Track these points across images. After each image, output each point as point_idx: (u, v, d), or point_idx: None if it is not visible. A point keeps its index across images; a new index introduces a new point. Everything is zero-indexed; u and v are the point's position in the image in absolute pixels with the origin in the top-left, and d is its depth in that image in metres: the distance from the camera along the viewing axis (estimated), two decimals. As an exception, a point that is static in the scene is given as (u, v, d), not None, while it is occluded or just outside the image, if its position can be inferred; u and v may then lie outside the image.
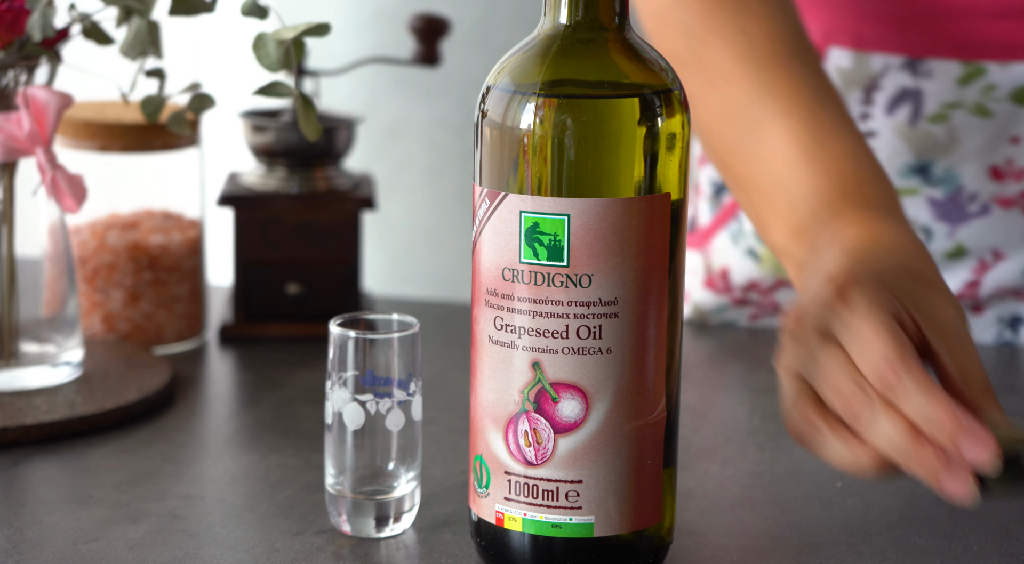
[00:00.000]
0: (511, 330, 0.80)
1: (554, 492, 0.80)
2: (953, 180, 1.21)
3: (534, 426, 0.80)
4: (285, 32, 0.96)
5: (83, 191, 1.07)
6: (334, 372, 0.90)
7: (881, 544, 0.91)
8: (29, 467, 1.01)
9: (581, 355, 0.79)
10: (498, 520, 0.82)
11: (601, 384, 0.79)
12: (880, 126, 1.22)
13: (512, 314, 0.80)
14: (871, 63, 1.20)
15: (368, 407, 0.89)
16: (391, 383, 0.89)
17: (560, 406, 0.79)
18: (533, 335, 0.79)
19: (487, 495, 0.83)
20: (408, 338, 0.90)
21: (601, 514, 0.80)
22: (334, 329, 0.90)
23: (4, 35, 1.03)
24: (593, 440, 0.80)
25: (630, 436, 0.80)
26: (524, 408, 0.80)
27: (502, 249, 0.79)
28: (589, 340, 0.79)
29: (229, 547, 0.89)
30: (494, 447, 0.81)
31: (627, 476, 0.80)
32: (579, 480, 0.80)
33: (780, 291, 1.32)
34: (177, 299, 1.23)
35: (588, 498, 0.80)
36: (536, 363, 0.79)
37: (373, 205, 1.27)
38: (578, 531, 0.80)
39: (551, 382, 0.79)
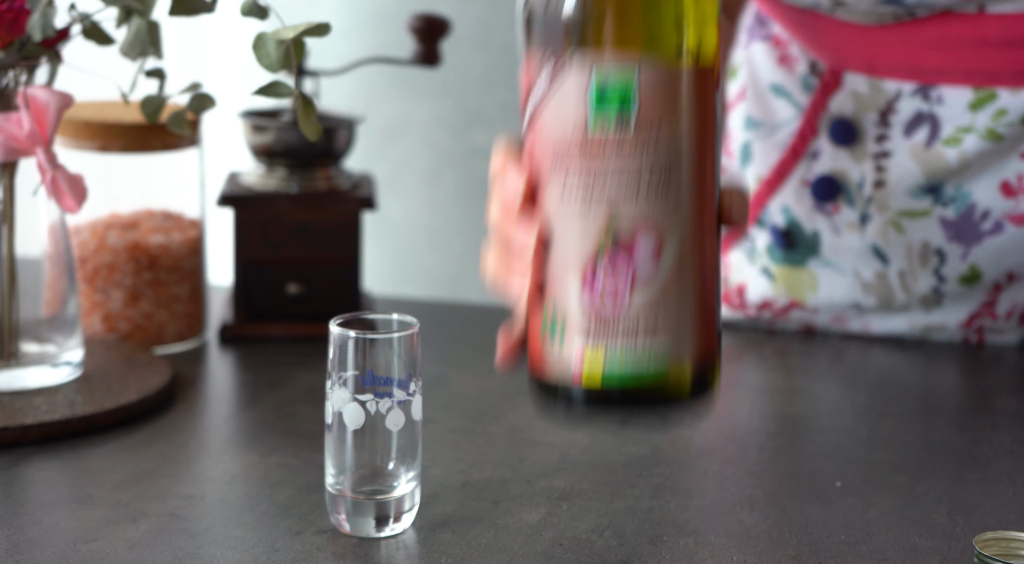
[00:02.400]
0: (587, 179, 0.82)
1: (633, 330, 0.82)
2: (965, 198, 1.22)
3: (614, 268, 0.82)
4: (285, 32, 0.96)
5: (83, 191, 1.07)
6: (334, 372, 0.90)
7: (881, 544, 0.91)
8: (29, 467, 1.01)
9: (655, 200, 0.82)
10: (576, 375, 0.82)
11: (672, 226, 0.82)
12: (896, 147, 1.23)
13: (587, 167, 0.82)
14: (885, 88, 1.23)
15: (368, 407, 0.89)
16: (391, 383, 0.89)
17: (638, 247, 0.82)
18: (609, 187, 0.82)
19: (562, 345, 0.82)
20: (408, 338, 0.90)
21: (672, 341, 0.82)
22: (334, 329, 0.90)
23: (5, 35, 1.03)
24: (669, 277, 0.82)
25: (696, 277, 0.83)
26: (603, 252, 0.82)
27: (571, 108, 0.82)
28: (661, 191, 0.82)
29: (229, 547, 0.89)
30: (569, 297, 0.82)
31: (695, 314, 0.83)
32: (657, 315, 0.82)
33: (793, 312, 1.32)
34: (177, 299, 1.23)
35: (662, 328, 0.82)
36: (613, 213, 0.82)
37: (373, 205, 1.27)
38: (655, 358, 0.82)
39: (628, 226, 0.82)
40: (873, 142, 1.24)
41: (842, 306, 1.30)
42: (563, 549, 0.90)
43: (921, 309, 1.28)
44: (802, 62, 1.29)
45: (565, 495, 0.97)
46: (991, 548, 0.86)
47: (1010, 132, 1.19)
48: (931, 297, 1.26)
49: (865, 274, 1.27)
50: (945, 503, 0.97)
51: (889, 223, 1.24)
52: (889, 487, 0.99)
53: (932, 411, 1.14)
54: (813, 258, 1.29)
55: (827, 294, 1.30)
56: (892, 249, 1.25)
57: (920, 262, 1.25)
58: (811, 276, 1.30)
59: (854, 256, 1.27)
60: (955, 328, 1.28)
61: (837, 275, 1.29)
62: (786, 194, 1.30)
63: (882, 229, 1.25)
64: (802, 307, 1.31)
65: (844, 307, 1.30)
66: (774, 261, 1.31)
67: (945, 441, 1.08)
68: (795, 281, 1.31)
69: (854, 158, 1.25)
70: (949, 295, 1.26)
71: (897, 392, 1.19)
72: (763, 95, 1.32)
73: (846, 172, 1.26)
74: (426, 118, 2.47)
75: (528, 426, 1.09)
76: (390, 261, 2.51)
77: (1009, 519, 0.95)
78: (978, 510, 0.96)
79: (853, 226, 1.26)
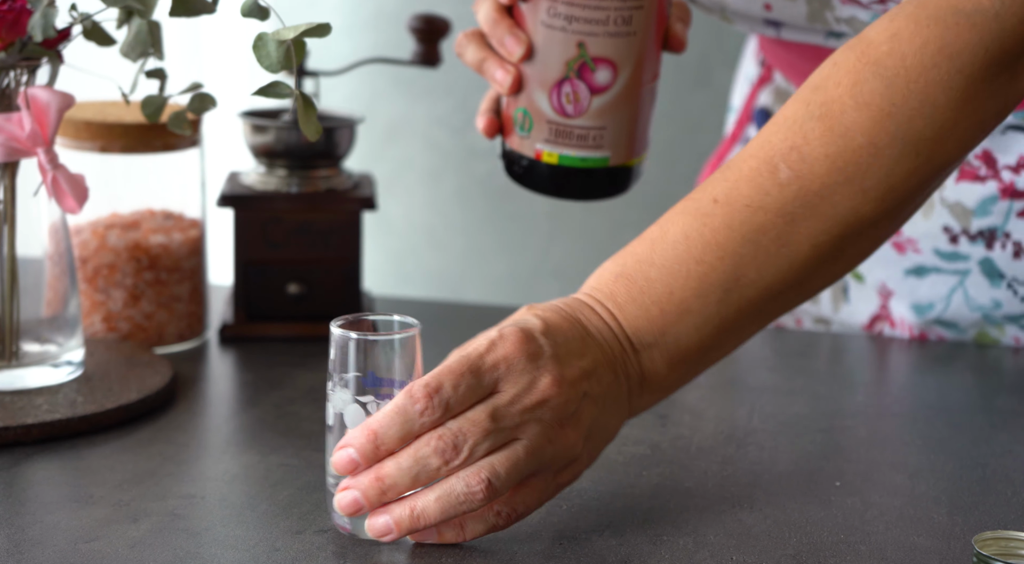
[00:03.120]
0: (563, 18, 1.04)
1: (585, 135, 1.07)
2: None
3: (575, 89, 1.05)
4: (285, 32, 0.96)
5: (84, 191, 1.07)
6: (335, 373, 0.89)
7: (881, 544, 0.91)
8: (30, 466, 1.01)
9: (615, 37, 1.04)
10: (536, 155, 1.08)
11: (626, 57, 1.05)
12: None
13: (565, 5, 1.03)
14: (792, 89, 1.29)
15: (369, 408, 0.89)
16: (392, 384, 0.89)
17: (596, 74, 1.05)
18: (580, 22, 1.04)
19: (528, 136, 1.08)
20: (409, 339, 0.90)
21: (614, 150, 1.08)
22: (335, 330, 0.89)
23: (6, 35, 1.03)
24: (616, 98, 1.06)
25: (640, 94, 1.07)
26: (568, 75, 1.05)
27: None
28: (622, 26, 1.04)
29: (229, 546, 0.89)
30: (539, 103, 1.07)
31: (634, 123, 1.08)
32: (603, 127, 1.07)
33: None
34: (177, 299, 1.23)
35: (608, 139, 1.08)
36: (581, 43, 1.04)
37: (373, 205, 1.27)
38: (597, 163, 1.08)
39: (591, 56, 1.05)
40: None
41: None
42: (563, 549, 0.90)
43: (831, 300, 1.32)
44: (759, 53, 1.36)
45: (565, 495, 0.97)
46: (990, 548, 0.86)
47: None
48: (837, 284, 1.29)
49: None
50: (944, 503, 0.97)
51: None
52: (889, 487, 0.99)
53: (932, 411, 1.14)
54: None
55: None
56: None
57: None
58: None
59: None
60: (857, 331, 1.32)
61: None
62: None
63: None
64: None
65: None
66: None
67: (945, 441, 1.08)
68: None
69: None
70: (852, 287, 1.30)
71: (897, 392, 1.19)
72: (741, 84, 1.40)
73: None
74: (426, 118, 2.48)
75: (528, 426, 1.09)
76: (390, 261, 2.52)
77: (1008, 519, 0.95)
78: (977, 510, 0.96)
79: None
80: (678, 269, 0.93)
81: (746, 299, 0.93)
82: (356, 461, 0.87)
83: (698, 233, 0.93)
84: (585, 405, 0.89)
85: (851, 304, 1.31)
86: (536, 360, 0.87)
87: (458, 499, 0.86)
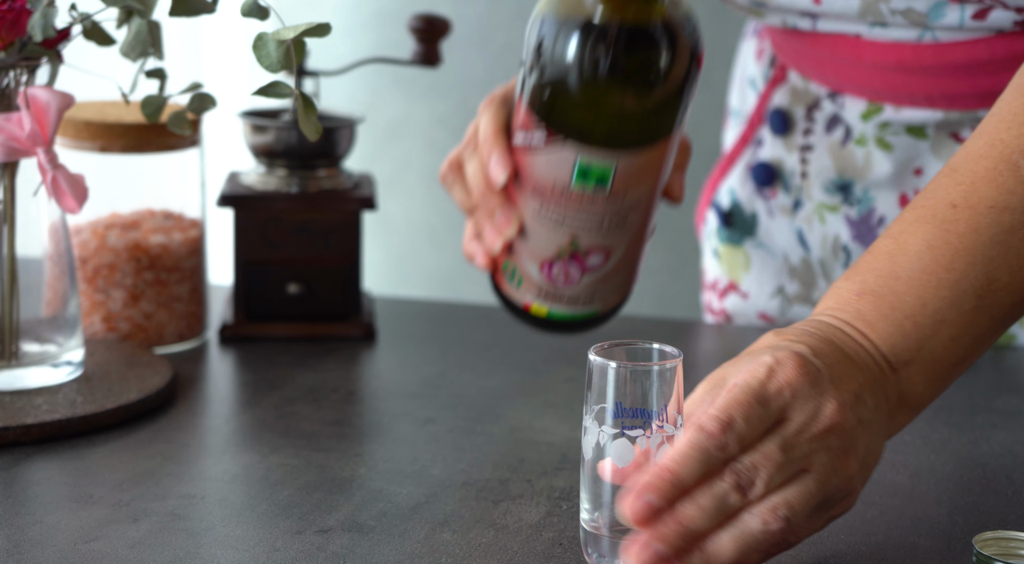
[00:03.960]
0: (553, 219, 1.02)
1: (575, 299, 1.06)
2: (868, 202, 1.27)
3: (566, 269, 1.04)
4: (285, 32, 0.96)
5: (84, 191, 1.07)
6: (595, 404, 0.84)
7: (881, 544, 0.91)
8: (30, 466, 1.01)
9: (610, 231, 1.03)
10: (526, 306, 1.08)
11: (621, 242, 1.04)
12: (818, 142, 1.29)
13: (561, 207, 1.02)
14: (811, 87, 1.29)
15: (639, 443, 0.83)
16: (658, 417, 0.84)
17: (589, 258, 1.04)
18: (573, 222, 1.02)
19: (518, 289, 1.07)
20: (675, 369, 0.84)
21: (604, 304, 1.08)
22: (595, 358, 0.84)
23: (5, 35, 1.03)
24: (609, 273, 1.05)
25: (636, 259, 1.07)
26: (561, 257, 1.04)
27: (556, 170, 1.00)
28: (617, 224, 1.03)
29: (229, 546, 0.89)
30: (528, 269, 1.05)
31: (627, 282, 1.08)
32: (595, 293, 1.06)
33: (729, 297, 1.39)
34: (177, 299, 1.23)
35: (599, 298, 1.07)
36: (574, 236, 1.03)
37: (373, 205, 1.27)
38: (587, 315, 1.08)
39: (584, 247, 1.03)
40: (801, 135, 1.30)
41: (768, 289, 1.36)
42: (563, 549, 0.90)
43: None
44: (767, 54, 1.36)
45: (565, 495, 0.97)
46: (990, 548, 0.86)
47: (898, 142, 1.24)
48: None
49: (792, 258, 1.33)
50: (944, 503, 0.97)
51: (814, 211, 1.31)
52: (889, 487, 0.99)
53: (932, 411, 1.14)
54: (749, 239, 1.36)
55: (757, 274, 1.36)
56: (813, 236, 1.31)
57: (832, 254, 1.30)
58: (746, 256, 1.37)
59: (784, 240, 1.33)
60: None
61: (768, 257, 1.35)
62: (733, 177, 1.37)
63: (808, 215, 1.31)
64: (737, 289, 1.38)
65: (770, 291, 1.36)
66: (720, 240, 1.39)
67: (945, 441, 1.08)
68: (734, 260, 1.38)
69: (787, 148, 1.32)
70: None
71: (897, 392, 1.19)
72: (743, 87, 1.40)
73: (781, 160, 1.32)
74: (426, 118, 2.48)
75: (528, 426, 1.09)
76: (390, 261, 2.52)
77: (1008, 519, 0.95)
78: (977, 510, 0.96)
79: (786, 210, 1.33)
80: (927, 279, 0.88)
81: (999, 304, 0.88)
82: (656, 508, 0.80)
83: (943, 240, 0.88)
84: (860, 432, 0.84)
85: None
86: (818, 385, 0.83)
87: (755, 538, 0.80)
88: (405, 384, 1.18)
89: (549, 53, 0.98)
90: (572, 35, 0.97)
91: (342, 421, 1.10)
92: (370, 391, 1.20)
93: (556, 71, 0.97)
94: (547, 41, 0.98)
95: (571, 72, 0.97)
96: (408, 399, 1.15)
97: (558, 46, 0.98)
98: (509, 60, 2.38)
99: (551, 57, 0.98)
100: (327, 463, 1.02)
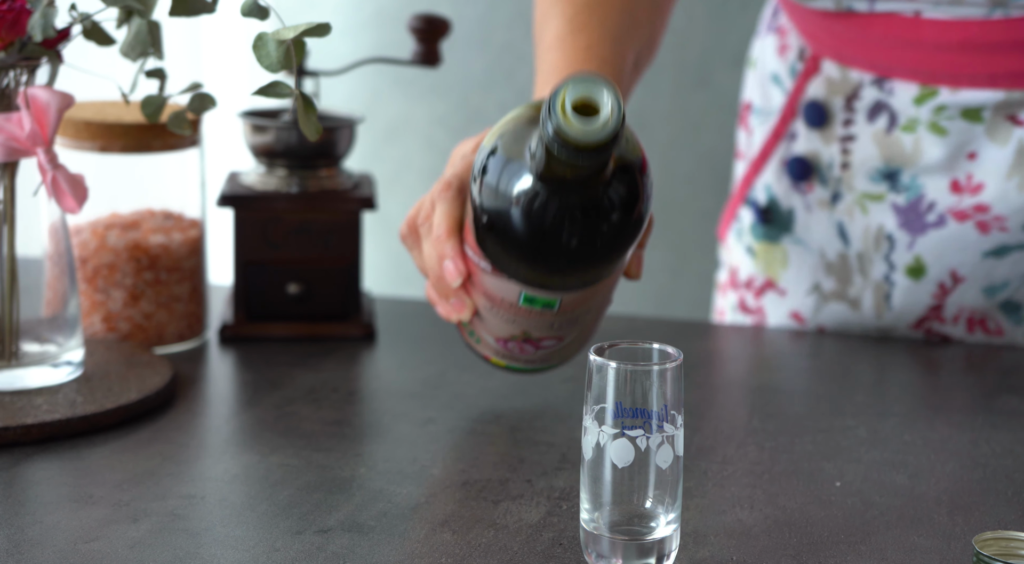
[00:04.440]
0: (510, 316, 1.03)
1: (532, 361, 1.09)
2: (917, 189, 1.27)
3: (521, 348, 1.06)
4: (285, 32, 0.96)
5: (84, 191, 1.07)
6: (594, 404, 0.84)
7: (881, 544, 0.91)
8: (30, 467, 1.01)
9: (560, 329, 1.05)
10: (486, 357, 1.10)
11: (573, 333, 1.06)
12: (860, 132, 1.29)
13: (511, 313, 1.03)
14: (851, 76, 1.29)
15: (639, 443, 0.83)
16: (657, 417, 0.84)
17: (543, 342, 1.06)
18: (526, 324, 1.04)
19: (477, 344, 1.09)
20: (675, 369, 0.84)
21: (562, 360, 1.10)
22: (595, 359, 0.84)
23: (5, 35, 1.03)
24: (565, 348, 1.08)
25: (592, 332, 1.09)
26: (515, 339, 1.06)
27: (503, 292, 1.01)
28: (568, 326, 1.05)
29: (229, 546, 0.89)
30: (487, 339, 1.07)
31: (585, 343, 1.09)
32: (550, 357, 1.09)
33: (767, 295, 1.38)
34: (177, 299, 1.23)
35: (556, 359, 1.10)
36: (527, 331, 1.04)
37: (373, 205, 1.27)
38: (546, 369, 1.12)
39: (536, 337, 1.05)
40: (840, 126, 1.30)
41: (805, 286, 1.35)
42: (563, 549, 0.90)
43: (873, 307, 1.31)
44: (793, 49, 1.35)
45: (565, 495, 0.97)
46: (990, 548, 0.86)
47: (952, 127, 1.24)
48: (883, 285, 1.29)
49: (829, 254, 1.33)
50: (944, 503, 0.97)
51: (855, 202, 1.30)
52: (889, 487, 0.99)
53: (932, 411, 1.14)
54: (787, 235, 1.35)
55: (795, 271, 1.35)
56: (854, 228, 1.31)
57: (874, 245, 1.30)
58: (783, 253, 1.36)
59: (822, 234, 1.33)
60: (905, 331, 1.31)
61: (805, 253, 1.34)
62: (768, 174, 1.36)
63: (849, 207, 1.31)
64: (775, 286, 1.37)
65: (806, 288, 1.35)
66: (755, 238, 1.38)
67: (945, 441, 1.08)
68: (771, 258, 1.37)
69: (824, 140, 1.31)
70: (898, 288, 1.29)
71: (897, 392, 1.19)
72: (765, 84, 1.39)
73: (818, 153, 1.32)
74: (426, 118, 2.48)
75: (528, 426, 1.09)
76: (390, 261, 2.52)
77: (1008, 519, 0.95)
78: (977, 510, 0.96)
79: (824, 204, 1.32)
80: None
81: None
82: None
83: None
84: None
85: (894, 309, 1.31)
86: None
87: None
88: (405, 384, 1.18)
89: (492, 196, 0.96)
90: (514, 185, 0.95)
91: (342, 421, 1.10)
92: (370, 391, 1.20)
93: (498, 218, 0.96)
94: (490, 176, 0.96)
95: (511, 224, 0.96)
96: (408, 399, 1.15)
97: (500, 191, 0.96)
98: (509, 60, 2.38)
99: (494, 201, 0.96)
100: (327, 463, 1.02)
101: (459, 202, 1.04)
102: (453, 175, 1.05)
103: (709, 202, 2.38)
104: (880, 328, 1.32)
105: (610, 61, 1.17)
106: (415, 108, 2.47)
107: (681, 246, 2.43)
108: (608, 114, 0.90)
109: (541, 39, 1.22)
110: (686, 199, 2.43)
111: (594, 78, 0.91)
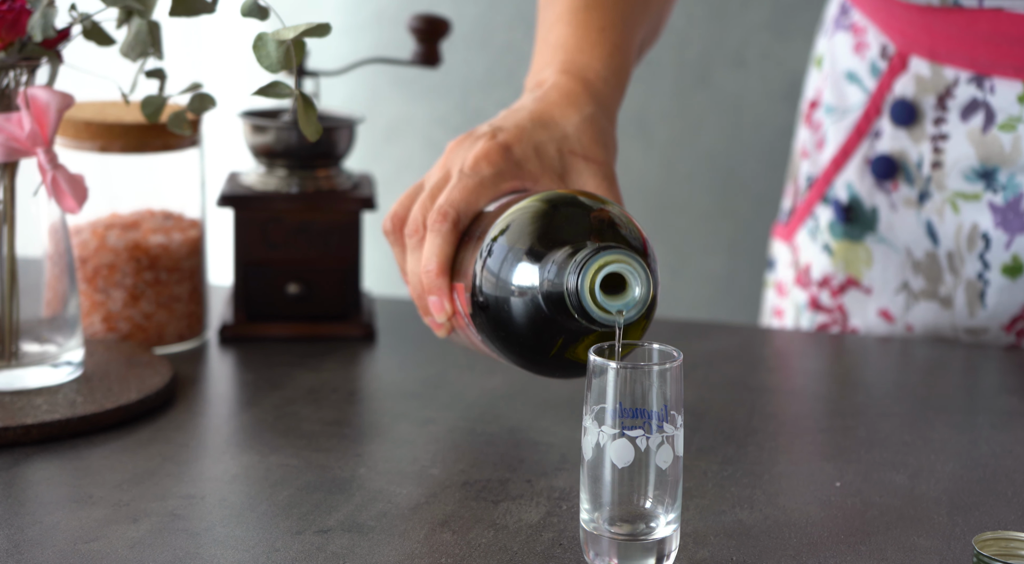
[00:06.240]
0: (492, 357, 1.00)
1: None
2: (1015, 188, 1.25)
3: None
4: (285, 32, 0.96)
5: (84, 191, 1.08)
6: (594, 405, 0.84)
7: (881, 544, 0.91)
8: (30, 467, 1.01)
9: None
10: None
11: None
12: (954, 130, 1.27)
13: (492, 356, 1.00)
14: (944, 74, 1.27)
15: (638, 443, 0.83)
16: (657, 417, 0.84)
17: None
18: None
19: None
20: (675, 370, 0.84)
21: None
22: (595, 359, 0.84)
23: (5, 35, 1.03)
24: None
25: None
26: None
27: (488, 348, 0.99)
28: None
29: (229, 547, 0.89)
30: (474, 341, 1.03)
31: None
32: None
33: (849, 293, 1.36)
34: (177, 299, 1.23)
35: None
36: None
37: (373, 205, 1.27)
38: None
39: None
40: (931, 124, 1.29)
41: (893, 285, 1.34)
42: (563, 549, 0.90)
43: (965, 305, 1.30)
44: (873, 47, 1.34)
45: (565, 495, 0.97)
46: (990, 548, 0.86)
47: None
48: (976, 284, 1.28)
49: (916, 253, 1.32)
50: (944, 503, 0.97)
51: (946, 201, 1.28)
52: (889, 487, 0.99)
53: (932, 411, 1.14)
54: (870, 234, 1.34)
55: (880, 270, 1.34)
56: (945, 227, 1.29)
57: (968, 245, 1.28)
58: (867, 251, 1.35)
59: (908, 233, 1.32)
60: (997, 331, 1.29)
61: (891, 252, 1.33)
62: (850, 171, 1.35)
63: (939, 206, 1.29)
64: (858, 284, 1.36)
65: (895, 287, 1.34)
66: (834, 236, 1.37)
67: (945, 441, 1.08)
68: (852, 256, 1.36)
69: (913, 138, 1.30)
70: (993, 287, 1.28)
71: (897, 392, 1.19)
72: (839, 82, 1.38)
73: (905, 152, 1.31)
74: (426, 118, 2.47)
75: (528, 426, 1.09)
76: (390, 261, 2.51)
77: (1008, 519, 0.95)
78: (977, 510, 0.96)
79: (911, 203, 1.31)
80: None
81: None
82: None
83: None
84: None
85: (988, 308, 1.29)
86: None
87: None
88: (405, 384, 1.18)
89: (493, 282, 0.94)
90: (516, 280, 0.92)
91: (342, 421, 1.10)
92: (370, 391, 1.20)
93: (496, 310, 0.94)
94: (493, 262, 0.94)
95: (506, 322, 0.94)
96: (408, 399, 1.15)
97: (501, 282, 0.93)
98: (509, 60, 2.38)
99: (495, 288, 0.94)
100: (327, 463, 1.02)
101: (453, 238, 1.00)
102: (449, 204, 1.01)
103: (709, 202, 2.38)
104: (972, 328, 1.30)
105: (622, 48, 1.15)
106: (415, 108, 2.46)
107: (681, 246, 2.43)
108: (635, 300, 0.88)
109: (550, 5, 1.19)
110: (686, 199, 2.43)
111: (631, 257, 0.89)
